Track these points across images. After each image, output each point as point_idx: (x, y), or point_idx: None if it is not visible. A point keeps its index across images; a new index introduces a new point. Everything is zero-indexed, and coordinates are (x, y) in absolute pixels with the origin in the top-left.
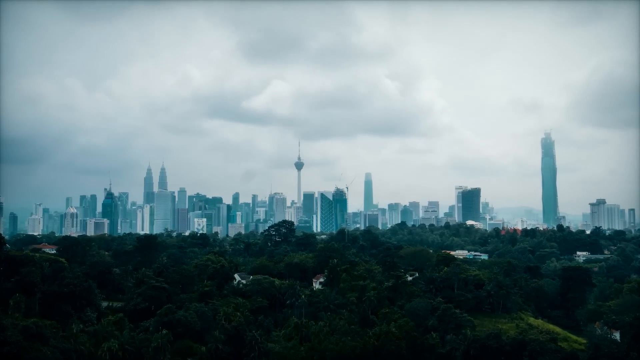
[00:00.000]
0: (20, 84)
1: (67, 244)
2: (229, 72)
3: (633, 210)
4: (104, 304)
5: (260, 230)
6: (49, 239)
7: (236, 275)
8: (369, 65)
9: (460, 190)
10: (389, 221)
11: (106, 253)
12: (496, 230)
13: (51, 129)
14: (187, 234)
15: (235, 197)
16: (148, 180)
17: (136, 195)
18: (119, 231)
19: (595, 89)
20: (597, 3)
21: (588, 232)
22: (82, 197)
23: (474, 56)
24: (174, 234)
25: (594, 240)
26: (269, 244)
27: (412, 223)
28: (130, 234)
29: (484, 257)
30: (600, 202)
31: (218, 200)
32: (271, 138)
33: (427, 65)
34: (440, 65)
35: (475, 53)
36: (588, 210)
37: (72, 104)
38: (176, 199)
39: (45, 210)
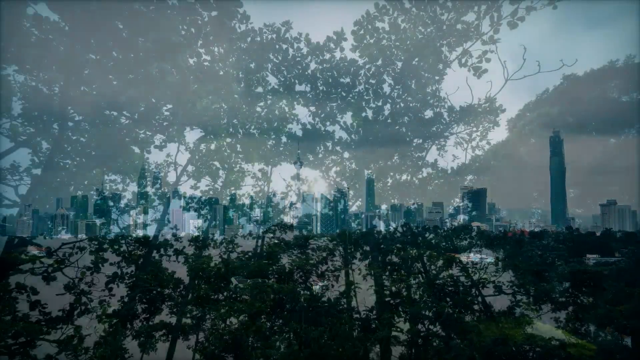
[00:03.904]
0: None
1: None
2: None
3: None
4: None
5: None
6: (39, 240)
7: (233, 279)
8: None
9: (466, 190)
10: (392, 222)
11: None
12: (503, 232)
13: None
14: (182, 235)
15: (232, 198)
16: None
17: (130, 196)
18: (112, 232)
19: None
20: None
21: (598, 234)
22: (73, 198)
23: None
24: (169, 236)
25: (604, 242)
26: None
27: (415, 224)
28: (123, 235)
29: (490, 259)
30: (611, 203)
31: (214, 200)
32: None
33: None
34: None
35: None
36: (598, 211)
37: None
38: (171, 199)
39: (35, 212)
